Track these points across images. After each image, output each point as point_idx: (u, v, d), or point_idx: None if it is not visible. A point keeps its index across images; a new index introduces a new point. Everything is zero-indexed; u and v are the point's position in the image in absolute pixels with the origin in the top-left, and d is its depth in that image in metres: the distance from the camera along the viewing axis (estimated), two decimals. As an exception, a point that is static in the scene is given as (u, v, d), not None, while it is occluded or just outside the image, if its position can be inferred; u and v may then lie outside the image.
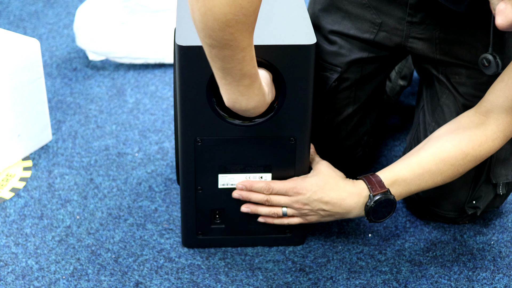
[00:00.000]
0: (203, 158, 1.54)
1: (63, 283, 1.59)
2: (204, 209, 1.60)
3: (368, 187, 1.52)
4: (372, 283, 1.60)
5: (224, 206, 1.60)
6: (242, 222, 1.62)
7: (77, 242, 1.67)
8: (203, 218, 1.61)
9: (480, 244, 1.69)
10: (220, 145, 1.52)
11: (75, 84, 2.13)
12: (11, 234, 1.69)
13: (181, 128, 1.51)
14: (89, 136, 1.95)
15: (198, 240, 1.64)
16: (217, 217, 1.61)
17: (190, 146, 1.52)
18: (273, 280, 1.60)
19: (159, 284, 1.59)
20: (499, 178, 1.64)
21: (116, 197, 1.79)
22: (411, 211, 1.76)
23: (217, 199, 1.59)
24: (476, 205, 1.66)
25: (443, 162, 1.52)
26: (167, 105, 2.05)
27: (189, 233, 1.63)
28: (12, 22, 2.37)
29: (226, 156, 1.54)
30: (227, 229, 1.63)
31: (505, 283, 1.60)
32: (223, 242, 1.65)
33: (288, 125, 1.50)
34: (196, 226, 1.62)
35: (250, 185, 1.55)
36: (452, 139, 1.52)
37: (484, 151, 1.52)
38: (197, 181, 1.57)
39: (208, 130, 1.50)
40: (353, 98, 1.71)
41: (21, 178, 1.83)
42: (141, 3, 2.18)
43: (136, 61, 2.18)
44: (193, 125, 1.50)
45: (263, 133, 1.51)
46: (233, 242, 1.65)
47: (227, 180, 1.57)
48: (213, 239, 1.64)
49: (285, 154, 1.54)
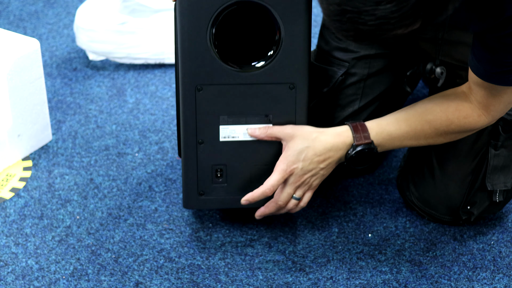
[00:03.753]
0: (204, 108, 1.55)
1: (63, 283, 1.59)
2: (206, 165, 1.58)
3: (353, 135, 1.54)
4: (372, 283, 1.60)
5: (225, 162, 1.59)
6: (245, 180, 1.60)
7: (77, 242, 1.67)
8: (205, 176, 1.59)
9: (480, 244, 1.69)
10: (221, 93, 1.54)
11: (75, 84, 2.13)
12: (11, 234, 1.69)
13: (182, 75, 1.52)
14: (89, 136, 1.95)
15: (200, 201, 1.61)
16: (218, 175, 1.60)
17: (191, 95, 1.53)
18: (273, 280, 1.60)
19: (159, 284, 1.59)
20: (497, 185, 1.63)
21: (116, 197, 1.79)
22: (410, 210, 1.76)
23: (219, 153, 1.58)
24: (471, 210, 1.66)
25: (428, 124, 1.54)
26: (167, 105, 2.05)
27: (190, 193, 1.61)
28: (12, 22, 2.37)
29: (227, 105, 1.55)
30: (229, 188, 1.61)
31: (505, 283, 1.60)
32: (224, 203, 1.62)
33: (287, 71, 1.53)
34: (197, 185, 1.60)
35: (251, 197, 1.56)
36: (441, 103, 1.54)
37: (469, 125, 1.53)
38: (198, 133, 1.56)
39: (209, 76, 1.52)
40: (360, 94, 1.71)
41: (21, 178, 1.83)
42: (141, 3, 2.18)
43: (136, 61, 2.18)
44: (194, 72, 1.52)
45: (262, 80, 1.53)
46: (235, 202, 1.62)
47: (228, 132, 1.56)
48: (215, 200, 1.61)
49: (285, 102, 1.56)
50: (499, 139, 1.61)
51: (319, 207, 1.77)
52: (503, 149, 1.62)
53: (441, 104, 1.54)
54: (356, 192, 1.81)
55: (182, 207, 1.76)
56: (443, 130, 1.54)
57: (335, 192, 1.81)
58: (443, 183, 1.66)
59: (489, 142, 1.62)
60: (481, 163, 1.63)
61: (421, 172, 1.69)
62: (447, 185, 1.65)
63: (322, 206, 1.77)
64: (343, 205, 1.78)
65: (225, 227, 1.72)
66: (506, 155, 1.63)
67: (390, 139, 1.55)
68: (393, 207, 1.77)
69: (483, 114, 1.52)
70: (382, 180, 1.84)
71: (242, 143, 1.58)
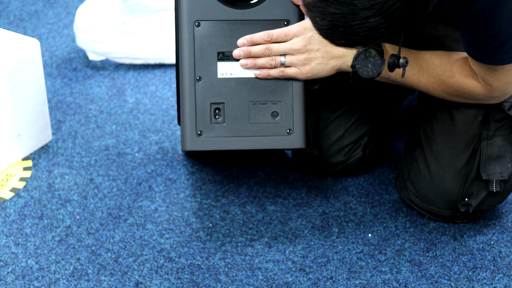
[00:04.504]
0: (202, 43, 1.58)
1: (63, 283, 1.59)
2: (204, 103, 1.59)
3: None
4: (372, 283, 1.60)
5: (224, 100, 1.59)
6: (243, 119, 1.60)
7: (77, 242, 1.67)
8: (203, 114, 1.59)
9: (480, 244, 1.69)
10: (218, 29, 1.58)
11: (75, 84, 2.13)
12: (11, 234, 1.69)
13: (181, 12, 1.57)
14: (89, 136, 1.95)
15: (198, 142, 1.60)
16: (217, 115, 1.60)
17: (190, 30, 1.58)
18: (273, 280, 1.60)
19: (159, 284, 1.59)
20: (492, 175, 1.64)
21: (116, 197, 1.79)
22: (411, 210, 1.76)
23: (217, 90, 1.59)
24: (468, 202, 1.66)
25: (433, 65, 1.59)
26: (167, 105, 2.05)
27: (189, 134, 1.60)
28: (12, 22, 2.37)
29: (224, 41, 1.58)
30: (228, 128, 1.60)
31: (505, 283, 1.60)
32: (223, 143, 1.61)
33: (282, 8, 1.58)
34: (196, 124, 1.60)
35: (250, 37, 1.57)
36: (450, 56, 1.60)
37: (467, 86, 1.58)
38: (196, 69, 1.58)
39: (207, 12, 1.57)
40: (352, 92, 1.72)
41: (21, 178, 1.83)
42: (141, 3, 2.18)
43: (136, 61, 2.18)
44: (192, 8, 1.57)
45: (258, 16, 1.58)
46: (234, 143, 1.61)
47: (226, 69, 1.58)
48: (214, 140, 1.60)
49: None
50: (490, 128, 1.64)
51: (319, 207, 1.77)
52: (495, 138, 1.64)
53: (449, 56, 1.59)
54: (356, 192, 1.81)
55: (182, 207, 1.76)
56: (442, 80, 1.59)
57: (335, 192, 1.81)
58: (439, 177, 1.66)
59: (481, 132, 1.64)
60: (475, 154, 1.64)
61: (417, 168, 1.69)
62: (443, 179, 1.66)
63: (322, 206, 1.77)
64: (343, 205, 1.78)
65: (225, 227, 1.72)
66: (500, 145, 1.64)
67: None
68: (393, 207, 1.77)
69: (481, 83, 1.56)
70: (382, 180, 1.84)
71: (240, 80, 1.59)
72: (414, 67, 1.59)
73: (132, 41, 2.15)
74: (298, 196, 1.80)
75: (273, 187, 1.82)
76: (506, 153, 1.64)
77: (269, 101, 1.59)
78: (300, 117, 1.60)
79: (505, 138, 1.64)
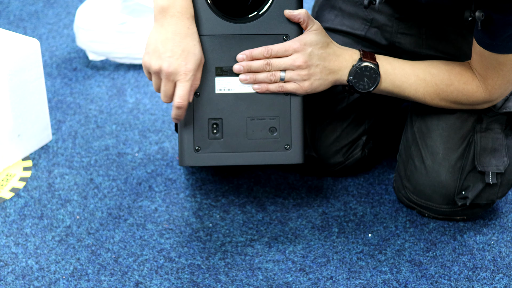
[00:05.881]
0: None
1: (63, 283, 1.59)
2: (202, 118, 1.58)
3: (361, 53, 1.59)
4: (372, 283, 1.60)
5: (222, 115, 1.59)
6: (241, 135, 1.60)
7: (77, 242, 1.68)
8: (201, 130, 1.59)
9: (480, 244, 1.69)
10: (216, 44, 1.56)
11: (75, 84, 2.13)
12: (11, 234, 1.69)
13: None
14: (89, 136, 1.95)
15: (196, 157, 1.60)
16: (215, 130, 1.59)
17: None
18: (273, 280, 1.60)
19: (159, 284, 1.59)
20: (488, 168, 1.64)
21: (116, 197, 1.79)
22: (411, 210, 1.76)
23: (215, 106, 1.58)
24: (465, 195, 1.66)
25: (430, 75, 1.60)
26: (167, 105, 2.05)
27: (186, 149, 1.60)
28: (12, 22, 2.37)
29: (223, 56, 1.57)
30: (226, 144, 1.60)
31: (505, 283, 1.60)
32: (221, 159, 1.61)
33: (280, 22, 1.57)
34: (193, 140, 1.59)
35: (249, 52, 1.56)
36: (447, 64, 1.61)
37: (467, 92, 1.60)
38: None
39: (205, 27, 1.56)
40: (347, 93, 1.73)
41: (21, 178, 1.83)
42: (141, 3, 2.18)
43: (136, 61, 2.19)
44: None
45: (257, 31, 1.57)
46: (231, 158, 1.61)
47: (224, 84, 1.57)
48: (211, 156, 1.60)
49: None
50: (484, 121, 1.66)
51: (319, 207, 1.77)
52: (489, 131, 1.66)
53: (447, 65, 1.61)
54: (356, 192, 1.81)
55: (182, 207, 1.76)
56: (441, 89, 1.60)
57: (335, 192, 1.81)
58: (434, 171, 1.67)
59: (475, 126, 1.66)
60: (470, 147, 1.65)
61: (413, 165, 1.70)
62: (439, 173, 1.66)
63: (322, 206, 1.77)
64: (343, 205, 1.78)
65: (225, 227, 1.72)
66: (494, 138, 1.66)
67: (393, 73, 1.60)
68: (393, 207, 1.77)
69: (481, 86, 1.58)
70: (382, 180, 1.84)
71: (238, 95, 1.58)
72: (411, 78, 1.60)
73: (132, 41, 2.15)
74: (298, 196, 1.80)
75: (273, 187, 1.83)
76: (501, 146, 1.65)
77: (267, 117, 1.59)
78: (298, 133, 1.59)
79: (500, 132, 1.66)
